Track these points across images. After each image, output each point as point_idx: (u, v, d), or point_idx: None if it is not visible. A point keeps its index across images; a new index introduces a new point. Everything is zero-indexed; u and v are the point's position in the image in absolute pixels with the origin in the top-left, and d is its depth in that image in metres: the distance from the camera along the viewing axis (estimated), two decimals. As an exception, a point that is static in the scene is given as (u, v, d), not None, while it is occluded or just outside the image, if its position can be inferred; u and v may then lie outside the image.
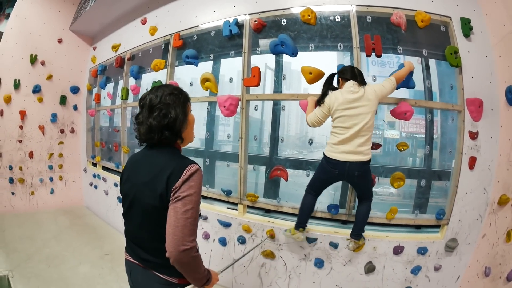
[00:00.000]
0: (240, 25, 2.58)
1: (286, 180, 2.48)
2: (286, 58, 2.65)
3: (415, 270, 2.18)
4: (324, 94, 1.97)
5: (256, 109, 2.51)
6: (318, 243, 2.26)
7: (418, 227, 2.33)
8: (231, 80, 2.76)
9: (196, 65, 2.80)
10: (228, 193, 2.64)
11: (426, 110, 2.53)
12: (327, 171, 1.96)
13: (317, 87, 2.15)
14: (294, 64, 2.69)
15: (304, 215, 2.12)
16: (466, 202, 2.17)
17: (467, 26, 2.15)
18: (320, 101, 1.96)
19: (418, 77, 2.33)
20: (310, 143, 2.69)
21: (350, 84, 1.88)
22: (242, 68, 2.53)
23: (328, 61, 2.58)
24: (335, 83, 2.07)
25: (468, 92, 2.16)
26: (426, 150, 2.56)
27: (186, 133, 1.13)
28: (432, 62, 2.56)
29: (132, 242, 1.14)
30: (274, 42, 2.33)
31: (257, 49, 2.60)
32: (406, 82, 2.14)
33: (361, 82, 1.91)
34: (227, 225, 2.56)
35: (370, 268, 2.18)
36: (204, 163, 3.12)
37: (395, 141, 2.80)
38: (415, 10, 2.16)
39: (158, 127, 1.04)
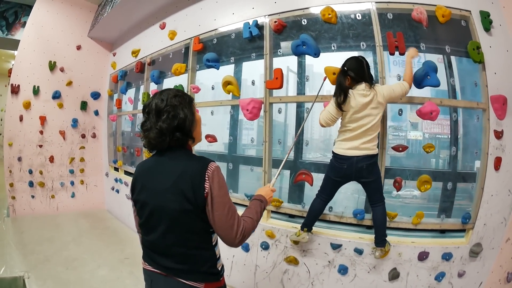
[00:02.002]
0: (260, 27, 2.54)
1: (311, 185, 2.42)
2: (308, 59, 2.61)
3: (439, 277, 2.10)
4: (345, 94, 1.88)
5: (279, 112, 2.47)
6: (342, 249, 2.18)
7: (442, 232, 2.25)
8: (253, 83, 2.73)
9: (217, 69, 2.78)
10: (252, 198, 2.58)
11: (450, 110, 2.43)
12: (335, 168, 1.97)
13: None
14: (316, 65, 2.64)
15: (311, 217, 2.14)
16: (492, 205, 2.10)
17: (486, 20, 2.08)
18: (339, 99, 1.87)
19: (441, 75, 2.22)
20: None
21: (363, 87, 1.87)
22: (264, 70, 2.49)
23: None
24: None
25: (492, 89, 2.08)
26: (452, 152, 2.46)
27: (196, 132, 1.15)
28: (454, 59, 2.47)
29: (152, 251, 1.12)
30: (296, 42, 2.28)
31: (279, 50, 2.56)
32: (431, 80, 2.04)
33: (371, 82, 1.90)
34: (250, 230, 2.50)
35: (394, 275, 2.11)
36: (227, 167, 3.08)
37: (420, 143, 2.72)
38: (435, 5, 2.09)
39: (169, 129, 1.04)
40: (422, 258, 2.08)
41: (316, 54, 2.27)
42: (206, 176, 1.02)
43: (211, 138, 2.80)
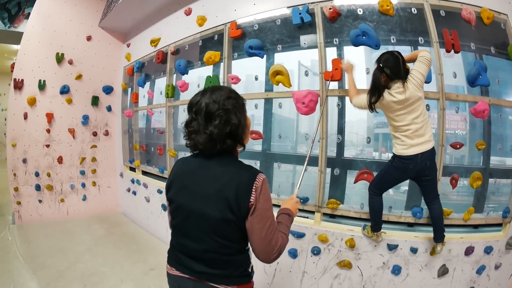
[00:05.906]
0: (310, 13, 2.35)
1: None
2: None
3: (480, 270, 2.19)
4: (380, 94, 1.84)
5: (338, 106, 2.25)
6: (398, 250, 2.14)
7: (475, 226, 2.31)
8: (306, 74, 2.50)
9: (262, 57, 2.55)
10: (305, 200, 2.39)
11: (494, 108, 2.43)
12: (399, 169, 1.93)
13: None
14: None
15: (378, 216, 2.08)
16: (526, 199, 2.20)
17: (521, 24, 2.18)
18: (373, 98, 1.87)
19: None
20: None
21: (398, 85, 1.81)
22: (319, 60, 2.30)
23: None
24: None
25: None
26: (498, 149, 2.53)
27: (246, 138, 1.11)
28: (490, 59, 2.46)
29: (183, 254, 1.08)
30: (355, 32, 2.16)
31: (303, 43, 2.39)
32: (482, 79, 2.11)
33: (406, 76, 1.83)
34: (300, 235, 2.32)
35: (444, 271, 2.14)
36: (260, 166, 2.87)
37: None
38: (480, 7, 2.15)
39: (220, 135, 0.99)
40: (468, 252, 2.14)
41: (377, 46, 2.18)
42: (254, 187, 0.98)
43: (256, 135, 2.55)
